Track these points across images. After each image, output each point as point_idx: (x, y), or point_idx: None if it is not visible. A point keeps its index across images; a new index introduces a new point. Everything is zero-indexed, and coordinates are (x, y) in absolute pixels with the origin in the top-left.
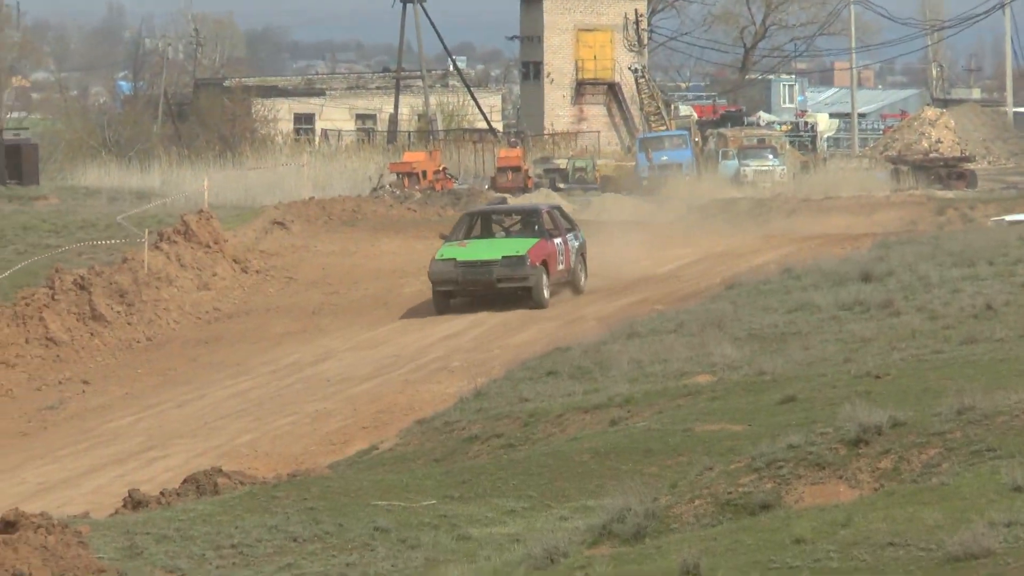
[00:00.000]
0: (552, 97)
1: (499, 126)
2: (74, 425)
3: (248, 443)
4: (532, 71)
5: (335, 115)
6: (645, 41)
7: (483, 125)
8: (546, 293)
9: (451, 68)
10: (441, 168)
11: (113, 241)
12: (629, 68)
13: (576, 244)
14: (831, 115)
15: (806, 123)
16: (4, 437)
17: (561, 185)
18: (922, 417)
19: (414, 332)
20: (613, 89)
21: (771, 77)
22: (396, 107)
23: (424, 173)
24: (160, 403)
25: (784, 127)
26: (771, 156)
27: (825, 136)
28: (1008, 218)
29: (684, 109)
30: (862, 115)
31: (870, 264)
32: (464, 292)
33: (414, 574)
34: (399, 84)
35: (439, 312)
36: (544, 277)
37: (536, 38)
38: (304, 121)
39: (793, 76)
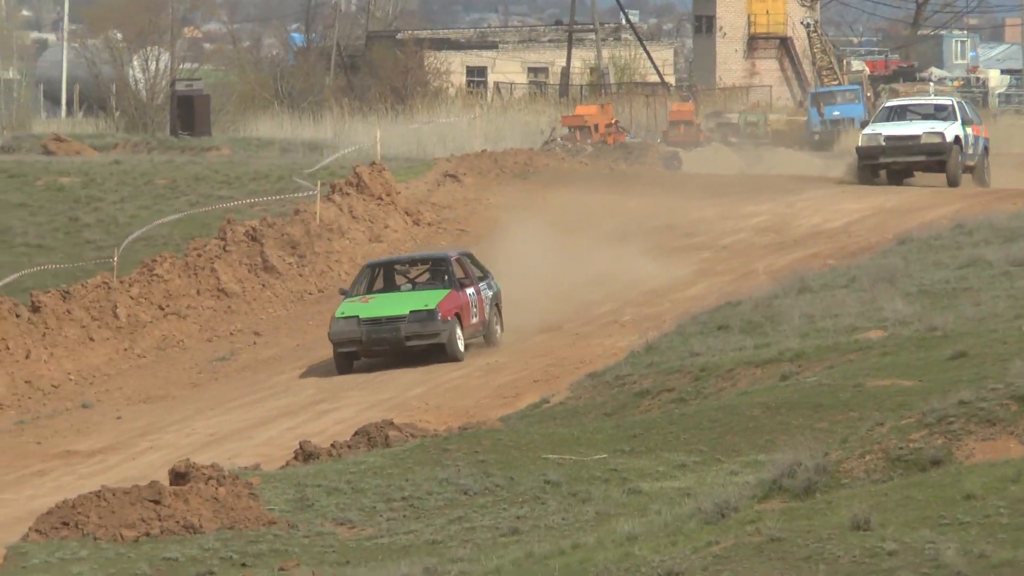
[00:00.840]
0: (724, 51)
1: (671, 80)
2: (245, 377)
3: (419, 396)
4: (704, 25)
5: (507, 68)
6: None
7: (655, 79)
8: (461, 347)
9: (623, 21)
10: (613, 122)
11: (282, 197)
12: (801, 23)
13: (490, 294)
14: (1002, 71)
15: (977, 79)
16: (175, 388)
17: (732, 139)
18: None
19: (587, 286)
20: (785, 44)
21: (943, 33)
22: (568, 60)
23: (596, 127)
24: (331, 355)
25: (956, 83)
26: None
27: (996, 92)
28: (885, 131)
29: (856, 64)
30: None
31: None
32: (370, 352)
33: (585, 528)
34: (571, 37)
35: (341, 373)
36: (458, 331)
37: None
38: (476, 74)
39: (965, 32)
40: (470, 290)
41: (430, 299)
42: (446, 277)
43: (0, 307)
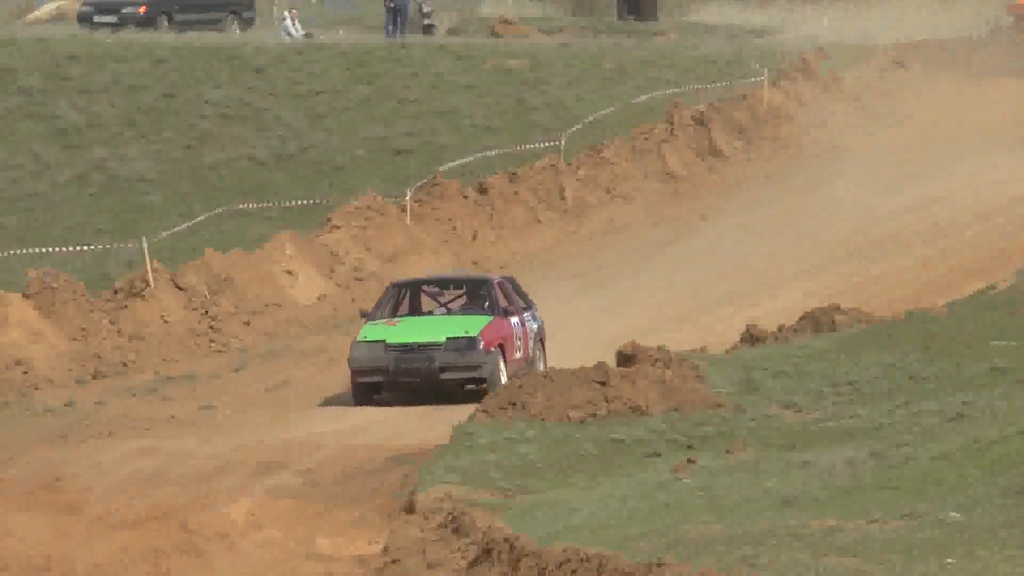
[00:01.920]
0: None
1: None
2: (691, 260)
3: (860, 284)
4: None
5: None
6: None
7: None
8: None
9: None
10: None
11: (726, 84)
12: None
13: (535, 327)
14: None
15: None
16: (615, 271)
17: None
18: None
19: None
20: None
21: None
22: None
23: None
24: (777, 239)
25: None
26: None
27: None
28: None
29: None
30: None
31: None
32: (396, 385)
33: None
34: None
35: (359, 405)
36: (501, 365)
37: None
38: None
39: None
40: (514, 319)
41: (471, 325)
42: (487, 303)
43: (448, 188)
